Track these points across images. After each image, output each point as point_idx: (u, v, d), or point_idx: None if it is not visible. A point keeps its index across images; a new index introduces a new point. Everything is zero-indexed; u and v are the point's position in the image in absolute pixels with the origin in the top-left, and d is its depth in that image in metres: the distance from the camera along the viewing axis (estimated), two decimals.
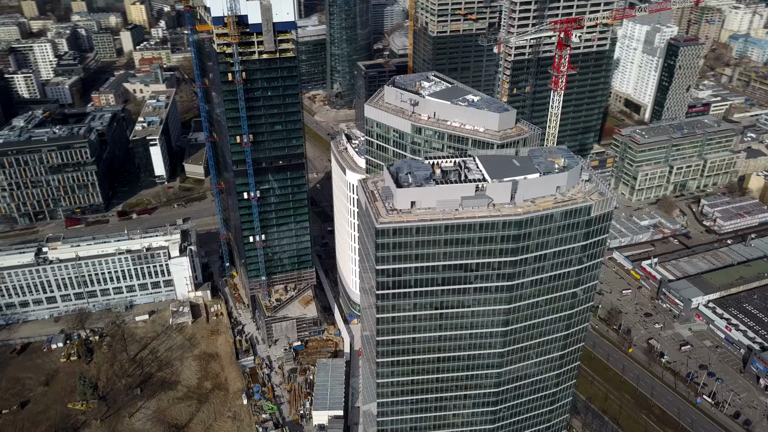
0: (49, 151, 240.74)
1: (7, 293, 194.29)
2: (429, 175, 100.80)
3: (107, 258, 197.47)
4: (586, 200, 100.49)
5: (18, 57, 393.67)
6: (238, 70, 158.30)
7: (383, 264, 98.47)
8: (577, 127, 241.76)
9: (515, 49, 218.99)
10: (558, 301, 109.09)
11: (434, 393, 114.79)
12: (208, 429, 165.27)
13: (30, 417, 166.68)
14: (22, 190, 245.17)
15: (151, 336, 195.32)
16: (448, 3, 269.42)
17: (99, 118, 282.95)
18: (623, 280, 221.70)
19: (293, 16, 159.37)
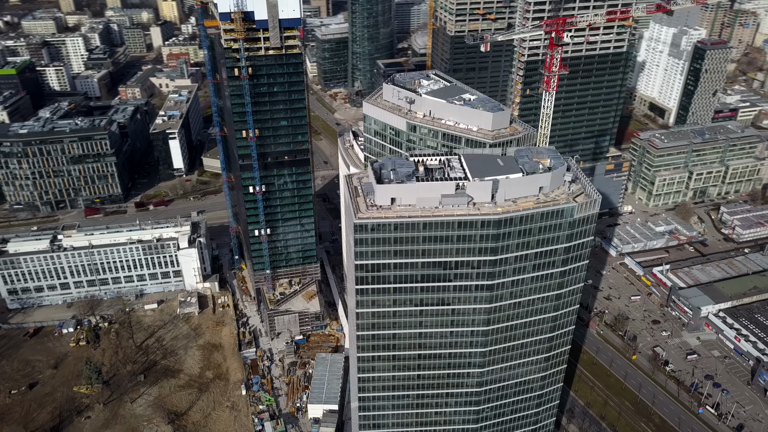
0: (71, 142, 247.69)
1: (23, 278, 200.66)
2: (411, 173, 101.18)
3: (119, 247, 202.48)
4: (569, 202, 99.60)
5: (51, 50, 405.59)
6: (244, 65, 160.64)
7: (362, 259, 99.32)
8: (593, 130, 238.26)
9: (528, 49, 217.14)
10: (541, 302, 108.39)
11: (415, 390, 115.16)
12: (207, 417, 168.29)
13: (37, 398, 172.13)
14: (45, 179, 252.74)
15: (158, 324, 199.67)
16: (467, 2, 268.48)
17: (122, 110, 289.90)
18: (633, 286, 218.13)
19: (299, 13, 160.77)
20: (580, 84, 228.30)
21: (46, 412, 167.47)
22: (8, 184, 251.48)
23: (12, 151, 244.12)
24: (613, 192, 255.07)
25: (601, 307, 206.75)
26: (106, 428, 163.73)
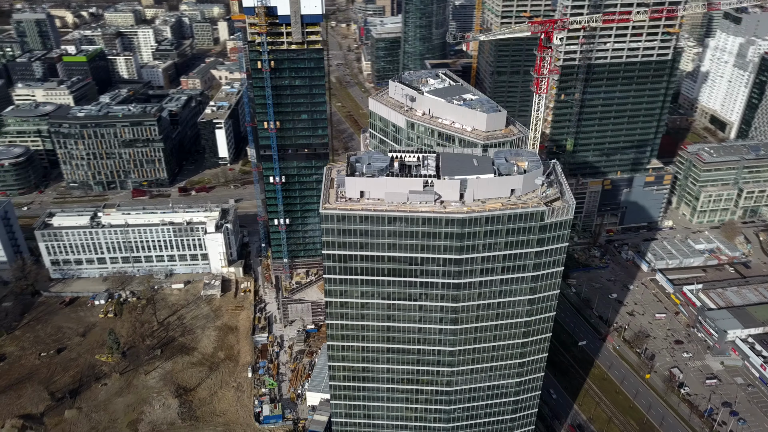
0: (123, 127, 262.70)
1: (64, 250, 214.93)
2: (385, 168, 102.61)
3: (152, 227, 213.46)
4: (539, 206, 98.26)
5: (124, 41, 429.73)
6: (266, 58, 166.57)
7: (329, 249, 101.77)
8: (632, 140, 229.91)
9: (564, 54, 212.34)
10: (512, 306, 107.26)
11: (386, 383, 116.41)
12: (213, 395, 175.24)
13: (63, 362, 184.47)
14: (98, 160, 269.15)
15: (181, 303, 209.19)
16: (513, 5, 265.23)
17: (175, 99, 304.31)
18: (660, 303, 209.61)
19: (320, 9, 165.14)
20: (620, 92, 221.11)
21: (68, 376, 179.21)
22: (66, 163, 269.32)
23: (70, 133, 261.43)
24: (652, 205, 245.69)
25: (623, 323, 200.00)
26: (119, 396, 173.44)
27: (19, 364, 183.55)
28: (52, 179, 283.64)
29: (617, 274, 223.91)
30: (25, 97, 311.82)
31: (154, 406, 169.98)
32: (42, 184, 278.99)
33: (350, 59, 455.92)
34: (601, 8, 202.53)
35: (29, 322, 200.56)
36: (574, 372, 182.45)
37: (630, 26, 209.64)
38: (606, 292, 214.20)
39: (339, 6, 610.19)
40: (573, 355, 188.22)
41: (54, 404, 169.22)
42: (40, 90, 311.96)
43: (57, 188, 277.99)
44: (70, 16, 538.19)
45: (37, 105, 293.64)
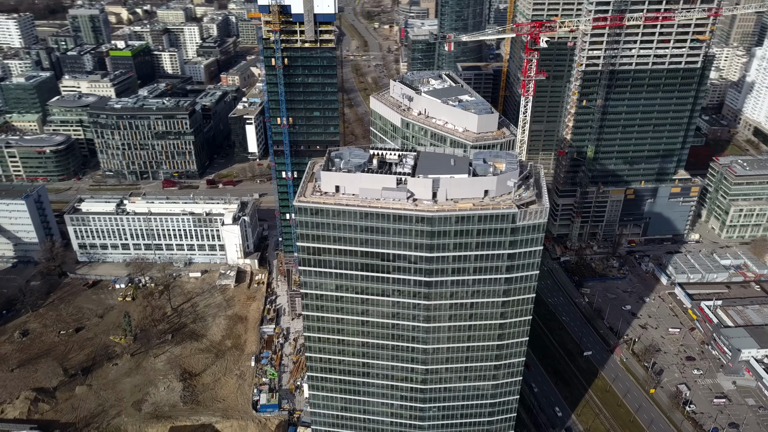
0: (156, 119, 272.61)
1: (91, 235, 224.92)
2: (362, 164, 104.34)
3: (173, 217, 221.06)
4: (511, 208, 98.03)
5: (171, 37, 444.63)
6: (279, 56, 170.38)
7: (304, 241, 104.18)
8: (657, 149, 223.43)
9: (587, 59, 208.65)
10: (485, 307, 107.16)
11: (361, 377, 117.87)
12: (216, 381, 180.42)
13: (79, 341, 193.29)
14: (132, 151, 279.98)
15: (197, 292, 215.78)
16: (544, 8, 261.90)
17: (210, 95, 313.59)
18: (676, 318, 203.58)
19: (333, 9, 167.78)
20: (645, 99, 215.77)
21: (83, 354, 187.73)
22: (103, 152, 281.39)
23: (107, 123, 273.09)
24: (677, 217, 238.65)
25: (634, 335, 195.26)
26: (128, 376, 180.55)
27: (39, 340, 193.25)
28: (90, 167, 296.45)
29: (634, 286, 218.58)
30: (71, 88, 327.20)
31: (159, 387, 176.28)
32: (80, 172, 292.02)
33: (389, 60, 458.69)
34: (627, 11, 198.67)
35: (53, 301, 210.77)
36: (576, 382, 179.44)
37: (656, 32, 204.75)
38: (620, 303, 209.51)
39: (384, 8, 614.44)
40: (577, 364, 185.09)
41: (67, 380, 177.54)
42: (85, 82, 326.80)
43: (94, 176, 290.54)
44: (125, 13, 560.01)
45: (80, 96, 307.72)
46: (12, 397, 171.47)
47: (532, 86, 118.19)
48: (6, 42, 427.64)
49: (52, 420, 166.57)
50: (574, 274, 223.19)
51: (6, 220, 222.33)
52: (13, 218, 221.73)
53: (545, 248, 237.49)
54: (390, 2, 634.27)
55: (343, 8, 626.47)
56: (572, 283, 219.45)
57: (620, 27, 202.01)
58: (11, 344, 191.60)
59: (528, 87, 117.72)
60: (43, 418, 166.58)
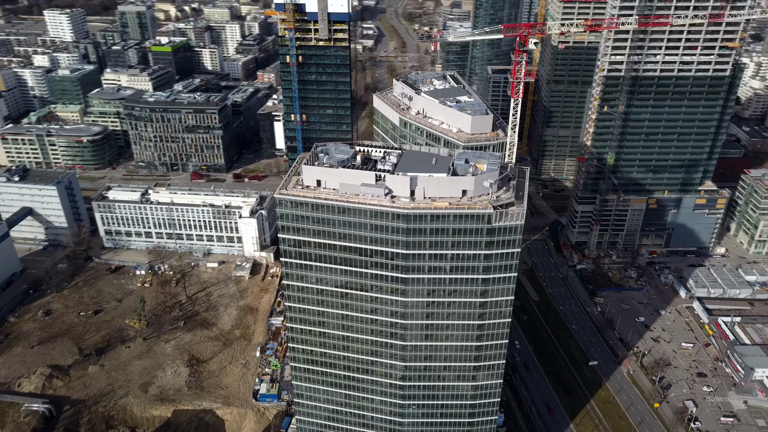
0: (187, 113, 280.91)
1: (117, 222, 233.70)
2: (345, 160, 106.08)
3: (193, 207, 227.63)
4: (486, 208, 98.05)
5: (213, 34, 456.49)
6: (293, 53, 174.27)
7: (285, 233, 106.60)
8: (681, 159, 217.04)
9: (610, 64, 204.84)
10: (463, 307, 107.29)
11: (343, 371, 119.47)
12: (221, 369, 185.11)
13: (97, 323, 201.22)
14: (164, 143, 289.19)
15: (212, 281, 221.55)
16: (574, 12, 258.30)
17: (242, 91, 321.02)
18: (691, 332, 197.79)
19: (347, 9, 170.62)
20: (669, 107, 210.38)
21: (98, 336, 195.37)
22: (136, 143, 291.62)
23: (141, 115, 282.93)
24: (702, 229, 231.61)
25: (644, 347, 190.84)
26: (138, 359, 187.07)
27: (60, 320, 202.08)
28: (124, 158, 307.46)
29: (651, 298, 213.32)
30: (112, 81, 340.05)
31: (166, 372, 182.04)
32: (115, 162, 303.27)
33: (425, 62, 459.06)
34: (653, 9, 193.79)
35: (77, 283, 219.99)
36: (578, 391, 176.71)
37: (683, 38, 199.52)
38: (634, 314, 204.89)
39: (426, 9, 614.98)
40: (582, 374, 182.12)
41: (81, 359, 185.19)
42: (125, 75, 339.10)
43: (127, 166, 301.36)
44: (173, 10, 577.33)
45: (119, 89, 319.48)
46: (29, 372, 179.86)
47: (521, 88, 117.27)
48: (58, 36, 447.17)
49: (64, 396, 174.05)
50: (589, 283, 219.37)
51: (38, 204, 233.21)
52: (44, 203, 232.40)
53: (562, 255, 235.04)
54: (433, 4, 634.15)
55: (385, 9, 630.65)
56: (586, 291, 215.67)
57: (644, 32, 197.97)
58: (34, 322, 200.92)
59: (517, 89, 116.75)
60: (56, 394, 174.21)
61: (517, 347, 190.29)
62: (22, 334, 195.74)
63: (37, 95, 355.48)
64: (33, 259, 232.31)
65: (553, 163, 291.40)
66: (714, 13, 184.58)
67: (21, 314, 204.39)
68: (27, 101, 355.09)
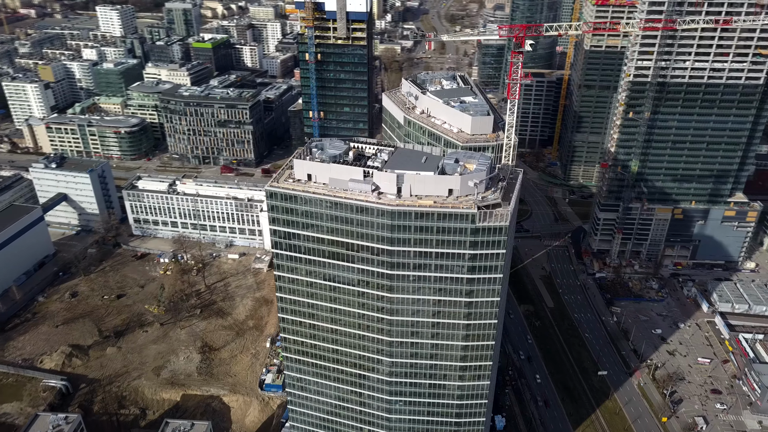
0: (219, 108, 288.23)
1: (145, 211, 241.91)
2: (337, 155, 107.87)
3: (217, 200, 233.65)
4: (470, 208, 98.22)
5: (255, 32, 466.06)
6: (312, 51, 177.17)
7: (275, 225, 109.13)
8: (710, 169, 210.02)
9: (635, 69, 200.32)
10: (449, 306, 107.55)
11: (333, 363, 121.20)
12: (232, 357, 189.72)
13: (119, 307, 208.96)
14: (197, 136, 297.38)
15: (231, 272, 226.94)
16: (607, 16, 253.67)
17: (275, 88, 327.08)
18: (710, 348, 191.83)
19: (365, 8, 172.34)
20: (698, 115, 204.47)
21: (119, 319, 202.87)
22: (171, 136, 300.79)
23: (176, 109, 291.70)
24: (731, 243, 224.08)
25: (659, 360, 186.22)
26: (154, 343, 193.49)
27: (85, 302, 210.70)
28: (160, 150, 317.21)
29: (671, 310, 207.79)
30: (153, 76, 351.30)
31: (179, 357, 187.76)
32: (151, 153, 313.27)
33: (463, 64, 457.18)
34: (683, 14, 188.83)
35: (104, 268, 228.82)
36: (585, 400, 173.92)
37: (714, 44, 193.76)
38: (651, 326, 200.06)
39: (469, 11, 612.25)
40: (590, 383, 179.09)
41: (101, 340, 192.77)
42: (165, 70, 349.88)
43: (162, 158, 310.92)
44: (220, 8, 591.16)
45: (158, 83, 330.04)
46: (52, 350, 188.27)
47: (517, 89, 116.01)
48: (108, 31, 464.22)
49: (82, 375, 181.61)
50: (608, 292, 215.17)
51: (73, 191, 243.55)
52: (78, 189, 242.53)
53: (582, 263, 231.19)
54: (477, 6, 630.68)
55: (428, 10, 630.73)
56: (603, 300, 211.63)
57: (673, 37, 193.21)
58: (61, 303, 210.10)
59: (513, 90, 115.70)
60: (74, 372, 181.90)
61: (522, 356, 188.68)
62: (49, 313, 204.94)
63: (84, 87, 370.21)
64: (65, 243, 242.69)
65: (582, 169, 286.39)
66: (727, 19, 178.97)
67: (49, 295, 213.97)
68: (74, 92, 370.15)
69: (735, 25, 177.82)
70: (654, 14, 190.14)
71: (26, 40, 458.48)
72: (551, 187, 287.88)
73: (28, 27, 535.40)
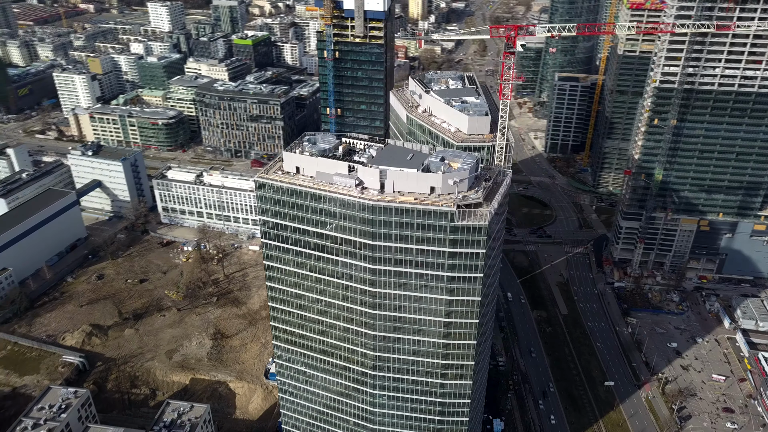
0: (252, 103, 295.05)
1: (173, 200, 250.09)
2: (326, 149, 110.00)
3: (241, 192, 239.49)
4: (449, 206, 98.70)
5: (297, 30, 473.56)
6: (330, 48, 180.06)
7: (264, 215, 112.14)
8: (740, 181, 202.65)
9: (662, 75, 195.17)
10: (430, 303, 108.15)
11: (320, 354, 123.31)
12: (242, 345, 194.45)
13: (140, 291, 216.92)
14: (230, 130, 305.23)
15: (250, 263, 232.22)
16: (643, 21, 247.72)
17: (309, 85, 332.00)
18: (727, 365, 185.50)
19: (383, 7, 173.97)
20: (727, 125, 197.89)
21: (139, 303, 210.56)
22: (205, 129, 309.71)
23: (210, 103, 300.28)
24: (761, 258, 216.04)
25: (671, 374, 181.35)
26: (170, 327, 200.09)
27: (109, 285, 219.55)
28: (196, 142, 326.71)
29: (690, 325, 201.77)
30: (193, 70, 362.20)
31: (192, 342, 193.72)
32: (186, 145, 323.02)
33: None
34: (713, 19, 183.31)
35: (131, 253, 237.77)
36: (588, 409, 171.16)
37: (746, 50, 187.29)
38: (667, 339, 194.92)
39: (515, 14, 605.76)
40: (596, 393, 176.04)
41: (120, 322, 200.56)
42: (205, 65, 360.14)
43: (196, 150, 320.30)
44: (267, 6, 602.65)
45: (197, 77, 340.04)
46: (74, 328, 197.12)
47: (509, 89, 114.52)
48: (158, 26, 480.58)
49: (99, 353, 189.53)
50: (625, 302, 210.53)
51: (106, 178, 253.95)
52: (111, 177, 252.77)
53: (602, 271, 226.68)
54: (523, 9, 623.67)
55: (473, 12, 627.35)
56: (619, 309, 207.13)
57: (702, 42, 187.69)
58: (88, 284, 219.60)
59: (505, 90, 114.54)
60: (92, 350, 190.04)
61: (533, 355, 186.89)
62: (76, 293, 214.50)
63: (129, 79, 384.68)
64: (97, 228, 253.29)
65: (612, 176, 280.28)
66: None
67: (78, 276, 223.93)
68: (120, 84, 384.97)
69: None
70: (683, 18, 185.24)
71: (81, 33, 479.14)
72: (579, 193, 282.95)
73: (86, 21, 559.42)
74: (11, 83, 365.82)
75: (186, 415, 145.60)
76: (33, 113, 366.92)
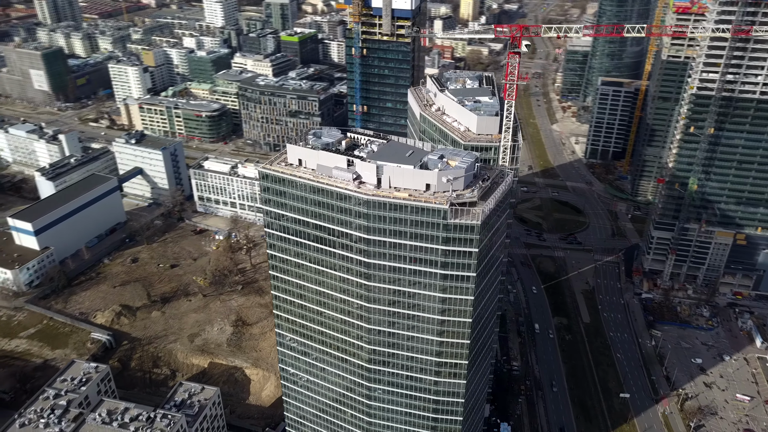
0: (291, 98, 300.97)
1: (208, 189, 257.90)
2: (329, 143, 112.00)
3: None
4: (442, 204, 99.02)
5: (345, 30, 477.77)
6: (357, 45, 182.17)
7: (266, 205, 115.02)
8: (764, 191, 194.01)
9: (700, 81, 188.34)
10: (424, 300, 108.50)
11: (319, 345, 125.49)
12: (262, 334, 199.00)
13: (170, 275, 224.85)
14: (269, 124, 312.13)
15: None
16: (689, 24, 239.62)
17: None
18: (754, 385, 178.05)
19: (410, 5, 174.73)
20: (753, 137, 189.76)
21: (168, 287, 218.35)
22: (246, 122, 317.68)
23: (252, 97, 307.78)
24: None
25: (692, 391, 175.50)
26: (195, 313, 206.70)
27: (142, 268, 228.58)
28: (237, 135, 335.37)
29: (719, 342, 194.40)
30: (239, 65, 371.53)
31: (213, 327, 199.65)
32: (228, 138, 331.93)
33: (550, 69, 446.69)
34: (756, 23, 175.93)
35: (166, 239, 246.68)
36: (601, 420, 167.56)
37: None
38: (692, 354, 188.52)
39: (569, 16, 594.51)
40: (610, 404, 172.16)
41: (148, 304, 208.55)
42: (251, 60, 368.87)
43: (237, 143, 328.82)
44: (320, 4, 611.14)
45: (242, 72, 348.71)
46: (105, 308, 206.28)
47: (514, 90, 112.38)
48: (212, 22, 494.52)
49: (126, 333, 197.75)
50: (651, 314, 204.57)
51: (147, 165, 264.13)
52: (152, 165, 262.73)
53: (631, 281, 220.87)
54: (578, 11, 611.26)
55: (526, 14, 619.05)
56: (644, 321, 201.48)
57: (744, 48, 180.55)
58: (123, 266, 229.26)
59: (509, 90, 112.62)
60: (120, 330, 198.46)
61: (549, 362, 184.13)
62: (110, 275, 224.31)
63: (179, 72, 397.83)
64: (137, 213, 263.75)
65: (651, 185, 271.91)
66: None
67: (114, 258, 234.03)
68: (171, 77, 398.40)
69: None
70: (724, 23, 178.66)
71: (140, 27, 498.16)
72: (616, 201, 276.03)
73: (146, 16, 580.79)
74: (71, 73, 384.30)
75: (196, 396, 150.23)
76: (89, 102, 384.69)
